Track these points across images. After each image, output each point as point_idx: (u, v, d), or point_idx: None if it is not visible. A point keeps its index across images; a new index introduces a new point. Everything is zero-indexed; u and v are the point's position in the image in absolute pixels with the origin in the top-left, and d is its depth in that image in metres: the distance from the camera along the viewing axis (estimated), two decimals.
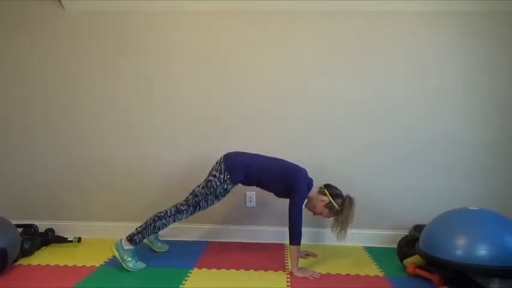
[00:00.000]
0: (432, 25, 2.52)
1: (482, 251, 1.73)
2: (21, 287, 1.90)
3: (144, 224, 2.13)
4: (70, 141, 2.68)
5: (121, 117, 2.66)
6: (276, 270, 2.15)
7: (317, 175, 2.30)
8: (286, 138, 2.60)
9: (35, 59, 2.66)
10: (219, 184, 2.13)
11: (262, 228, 2.65)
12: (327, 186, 2.21)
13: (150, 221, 2.13)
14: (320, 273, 2.09)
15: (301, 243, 2.06)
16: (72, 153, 2.68)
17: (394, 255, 2.32)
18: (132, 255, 2.12)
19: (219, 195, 2.16)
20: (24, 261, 2.24)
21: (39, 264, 2.20)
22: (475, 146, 2.54)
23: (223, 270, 2.13)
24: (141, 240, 2.13)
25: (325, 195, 2.16)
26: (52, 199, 2.71)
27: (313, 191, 2.20)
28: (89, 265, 2.18)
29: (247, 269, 2.15)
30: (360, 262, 2.29)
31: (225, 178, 2.13)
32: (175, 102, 2.63)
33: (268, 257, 2.34)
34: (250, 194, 2.63)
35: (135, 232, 2.12)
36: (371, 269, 2.18)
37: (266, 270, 2.14)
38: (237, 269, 2.15)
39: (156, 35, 2.62)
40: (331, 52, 2.57)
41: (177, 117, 2.64)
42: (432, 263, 1.92)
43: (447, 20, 2.51)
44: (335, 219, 2.17)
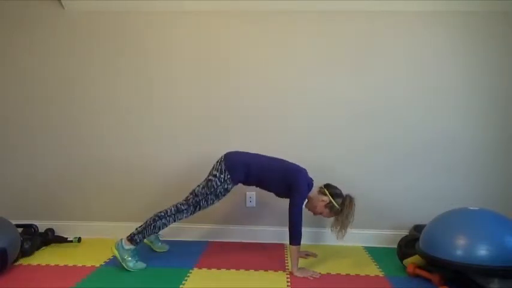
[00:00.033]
0: (432, 25, 2.52)
1: (482, 251, 1.73)
2: (21, 287, 1.90)
3: (145, 224, 2.13)
4: (70, 141, 2.68)
5: (121, 117, 2.66)
6: (276, 270, 2.15)
7: (317, 175, 2.30)
8: (286, 138, 2.60)
9: (35, 59, 2.66)
10: (220, 184, 2.13)
11: (262, 228, 2.65)
12: (327, 186, 2.21)
13: (150, 221, 2.13)
14: (320, 273, 2.09)
15: (301, 243, 2.06)
16: (72, 153, 2.68)
17: (394, 255, 2.32)
18: (133, 255, 2.12)
19: (220, 194, 2.16)
20: (24, 261, 2.24)
21: (39, 264, 2.20)
22: (475, 146, 2.54)
23: (223, 270, 2.13)
24: (142, 240, 2.13)
25: (325, 195, 2.17)
26: (52, 199, 2.71)
27: (313, 191, 2.20)
28: (89, 265, 2.18)
29: (247, 269, 2.15)
30: (360, 262, 2.29)
31: (226, 178, 2.13)
32: (175, 102, 2.63)
33: (268, 257, 2.35)
34: (250, 194, 2.63)
35: (136, 232, 2.12)
36: (371, 269, 2.18)
37: (266, 270, 2.14)
38: (237, 269, 2.15)
39: (156, 35, 2.62)
40: (331, 52, 2.57)
41: (177, 117, 2.64)
42: (432, 263, 1.92)
43: (447, 20, 2.51)
44: (335, 218, 2.17)
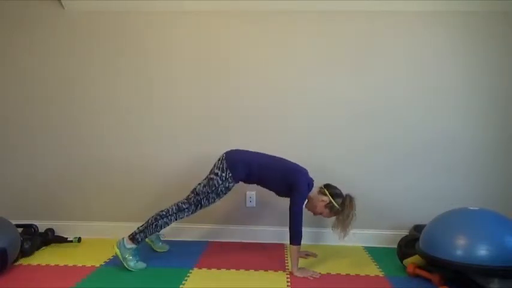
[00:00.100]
0: (432, 25, 2.52)
1: (482, 251, 1.73)
2: (21, 287, 1.90)
3: (146, 223, 2.13)
4: (70, 141, 2.68)
5: (121, 117, 2.66)
6: (276, 270, 2.15)
7: (317, 175, 2.30)
8: (286, 138, 2.60)
9: (35, 59, 2.66)
10: (221, 182, 2.13)
11: (262, 228, 2.65)
12: (327, 186, 2.20)
13: (152, 220, 2.13)
14: (320, 273, 2.09)
15: (301, 243, 2.06)
16: (72, 153, 2.68)
17: (394, 255, 2.32)
18: (134, 254, 2.12)
19: (221, 193, 2.16)
20: (24, 261, 2.24)
21: (39, 264, 2.20)
22: (475, 146, 2.54)
23: (223, 270, 2.13)
24: (143, 239, 2.13)
25: (325, 195, 2.16)
26: (52, 199, 2.71)
27: (313, 191, 2.20)
28: (89, 265, 2.18)
29: (247, 269, 2.15)
30: (360, 262, 2.29)
31: (227, 176, 2.13)
32: (175, 102, 2.63)
33: (268, 257, 2.34)
34: (250, 194, 2.63)
35: (137, 231, 2.12)
36: (371, 269, 2.18)
37: (266, 270, 2.14)
38: (237, 269, 2.14)
39: (156, 35, 2.62)
40: (331, 52, 2.57)
41: (177, 117, 2.64)
42: (432, 263, 1.92)
43: (447, 20, 2.51)
44: (336, 218, 2.17)
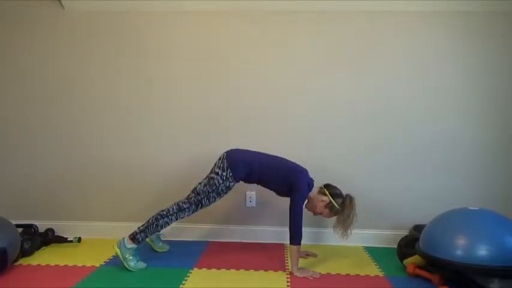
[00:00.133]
0: (432, 25, 2.52)
1: (482, 251, 1.73)
2: (21, 287, 1.90)
3: (147, 223, 2.13)
4: (70, 141, 2.68)
5: (121, 117, 2.66)
6: (276, 270, 2.15)
7: (317, 175, 2.29)
8: (286, 138, 2.60)
9: (35, 59, 2.66)
10: (222, 182, 2.13)
11: (262, 228, 2.65)
12: (327, 186, 2.20)
13: (153, 220, 2.13)
14: (320, 273, 2.09)
15: (301, 243, 2.06)
16: (72, 153, 2.68)
17: (394, 255, 2.32)
18: (134, 254, 2.12)
19: (221, 192, 2.16)
20: (24, 261, 2.24)
21: (39, 264, 2.20)
22: (475, 146, 2.54)
23: (223, 270, 2.13)
24: (144, 239, 2.13)
25: (325, 195, 2.16)
26: (52, 199, 2.71)
27: (313, 191, 2.20)
28: (89, 265, 2.18)
29: (247, 269, 2.15)
30: (360, 262, 2.29)
31: (228, 176, 2.13)
32: (175, 102, 2.63)
33: (268, 257, 2.34)
34: (250, 194, 2.63)
35: (138, 231, 2.12)
36: (371, 269, 2.18)
37: (266, 270, 2.14)
38: (237, 269, 2.14)
39: (156, 35, 2.62)
40: (331, 52, 2.57)
41: (177, 117, 2.64)
42: (432, 263, 1.92)
43: (447, 20, 2.51)
44: (337, 219, 2.17)
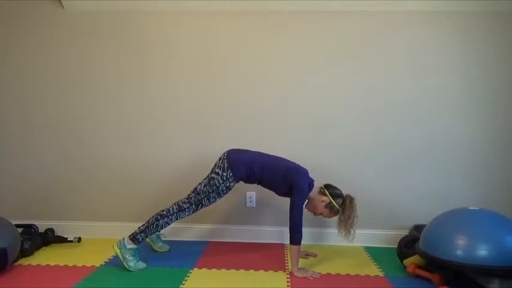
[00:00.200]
0: (432, 25, 2.52)
1: (482, 251, 1.73)
2: (21, 287, 1.90)
3: (147, 223, 2.13)
4: (70, 141, 2.68)
5: (121, 117, 2.66)
6: (276, 270, 2.15)
7: (317, 175, 2.29)
8: (286, 138, 2.60)
9: (35, 59, 2.66)
10: (222, 182, 2.13)
11: (262, 228, 2.65)
12: (327, 186, 2.20)
13: (153, 220, 2.13)
14: (320, 273, 2.09)
15: (301, 243, 2.06)
16: (72, 153, 2.68)
17: (394, 255, 2.32)
18: (134, 254, 2.11)
19: (222, 192, 2.15)
20: (24, 261, 2.24)
21: (39, 264, 2.20)
22: (475, 146, 2.54)
23: (223, 270, 2.13)
24: (144, 239, 2.13)
25: (325, 195, 2.16)
26: (52, 199, 2.71)
27: (313, 192, 2.20)
28: (89, 265, 2.18)
29: (247, 269, 2.15)
30: (360, 262, 2.29)
31: (228, 176, 2.12)
32: (175, 102, 2.63)
33: (268, 257, 2.34)
34: (250, 194, 2.63)
35: (138, 231, 2.12)
36: (371, 269, 2.18)
37: (266, 270, 2.14)
38: (237, 269, 2.15)
39: (156, 35, 2.62)
40: (331, 52, 2.57)
41: (177, 117, 2.64)
42: (432, 263, 1.92)
43: (447, 20, 2.51)
44: (338, 219, 2.16)
